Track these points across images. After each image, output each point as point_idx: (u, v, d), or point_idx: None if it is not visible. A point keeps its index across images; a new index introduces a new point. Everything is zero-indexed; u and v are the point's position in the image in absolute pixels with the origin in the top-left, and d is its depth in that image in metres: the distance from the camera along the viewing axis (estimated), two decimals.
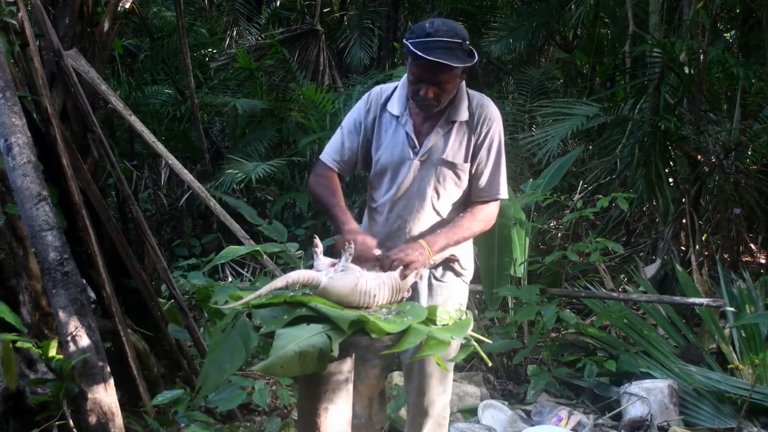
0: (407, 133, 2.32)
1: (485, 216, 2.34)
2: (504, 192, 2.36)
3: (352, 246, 2.02)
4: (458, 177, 2.32)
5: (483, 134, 2.31)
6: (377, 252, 2.18)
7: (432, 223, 2.35)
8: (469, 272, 2.49)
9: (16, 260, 2.86)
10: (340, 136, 2.42)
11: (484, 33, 8.27)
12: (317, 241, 2.07)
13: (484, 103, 2.34)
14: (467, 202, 2.38)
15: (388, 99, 2.38)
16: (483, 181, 2.34)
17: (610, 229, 6.24)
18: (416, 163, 2.31)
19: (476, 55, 2.19)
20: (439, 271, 2.43)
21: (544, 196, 4.39)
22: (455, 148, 2.30)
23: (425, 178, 2.32)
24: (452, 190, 2.34)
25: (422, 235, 2.29)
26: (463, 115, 2.30)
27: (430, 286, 2.43)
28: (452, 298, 2.42)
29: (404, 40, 2.17)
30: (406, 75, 2.26)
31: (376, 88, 2.44)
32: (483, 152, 2.32)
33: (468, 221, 2.32)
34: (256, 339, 1.84)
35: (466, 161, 2.31)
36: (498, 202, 2.38)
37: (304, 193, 6.17)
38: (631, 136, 5.19)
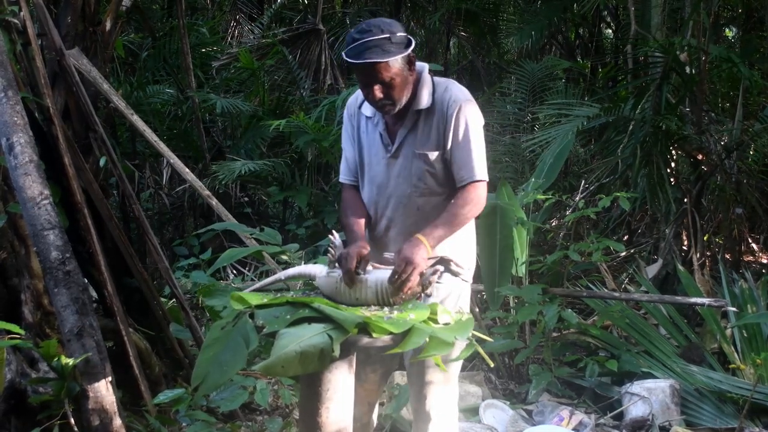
0: (380, 133, 2.34)
1: (469, 199, 2.26)
2: (481, 173, 2.27)
3: (332, 251, 2.13)
4: (433, 167, 2.30)
5: (451, 119, 2.26)
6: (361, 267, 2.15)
7: (417, 219, 2.32)
8: (467, 270, 2.43)
9: (18, 259, 2.87)
10: (344, 152, 2.47)
11: (488, 33, 8.27)
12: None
13: (450, 87, 2.31)
14: (452, 195, 2.33)
15: (362, 102, 2.39)
16: (459, 165, 2.27)
17: (612, 228, 6.24)
18: (390, 160, 2.32)
19: (412, 42, 2.20)
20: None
21: (546, 197, 4.38)
22: (424, 138, 2.29)
23: (401, 175, 2.32)
24: (430, 182, 2.31)
25: (410, 233, 2.24)
26: (425, 102, 2.28)
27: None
28: (450, 298, 2.38)
29: (342, 53, 2.18)
30: None
31: (352, 96, 2.47)
32: (453, 136, 2.26)
33: (455, 207, 2.26)
34: (256, 340, 1.85)
35: (436, 149, 2.28)
36: (481, 184, 2.28)
37: (304, 193, 6.15)
38: (633, 136, 5.18)
